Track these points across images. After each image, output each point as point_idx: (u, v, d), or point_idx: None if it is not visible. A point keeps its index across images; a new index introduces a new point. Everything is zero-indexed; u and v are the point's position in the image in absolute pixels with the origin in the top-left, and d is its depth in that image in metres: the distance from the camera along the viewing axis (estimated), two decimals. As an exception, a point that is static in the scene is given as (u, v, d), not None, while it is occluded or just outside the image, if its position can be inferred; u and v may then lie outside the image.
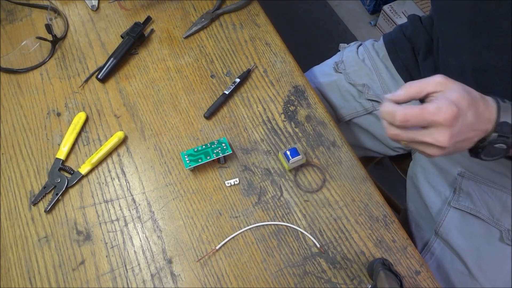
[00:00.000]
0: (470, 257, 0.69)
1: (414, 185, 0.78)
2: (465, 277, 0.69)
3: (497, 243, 0.68)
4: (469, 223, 0.69)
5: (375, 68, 0.83)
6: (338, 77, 0.85)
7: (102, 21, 0.79)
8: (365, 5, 1.85)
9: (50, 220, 0.61)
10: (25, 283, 0.58)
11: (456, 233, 0.71)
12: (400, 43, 0.81)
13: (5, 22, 0.80)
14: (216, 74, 0.72)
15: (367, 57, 0.85)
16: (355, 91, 0.83)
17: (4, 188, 0.64)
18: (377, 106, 0.82)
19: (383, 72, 0.82)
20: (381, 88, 0.82)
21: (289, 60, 0.73)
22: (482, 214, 0.68)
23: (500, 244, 0.68)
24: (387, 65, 0.83)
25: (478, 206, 0.69)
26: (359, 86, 0.82)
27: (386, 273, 0.52)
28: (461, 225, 0.70)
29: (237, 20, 0.78)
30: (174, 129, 0.68)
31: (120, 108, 0.70)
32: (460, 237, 0.70)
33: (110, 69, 0.71)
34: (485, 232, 0.69)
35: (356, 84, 0.82)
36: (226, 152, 0.62)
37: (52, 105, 0.70)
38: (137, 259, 0.58)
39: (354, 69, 0.84)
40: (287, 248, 0.58)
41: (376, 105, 0.82)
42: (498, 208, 0.69)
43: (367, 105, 0.82)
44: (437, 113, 0.44)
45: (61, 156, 0.65)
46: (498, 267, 0.68)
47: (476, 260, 0.69)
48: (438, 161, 0.76)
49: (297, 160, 0.62)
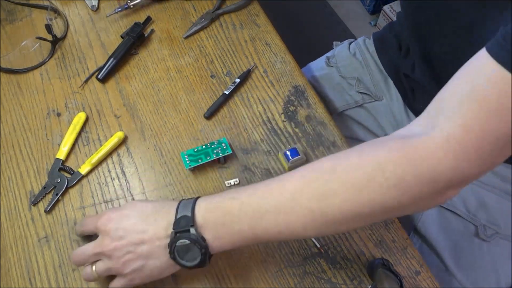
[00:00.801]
0: (448, 253, 0.70)
1: None
2: (443, 273, 0.70)
3: (473, 238, 0.69)
4: (447, 218, 0.70)
5: (365, 62, 0.85)
6: (329, 71, 0.87)
7: (102, 21, 0.79)
8: (365, 5, 1.85)
9: (50, 220, 0.61)
10: (25, 283, 0.57)
11: (434, 229, 0.72)
12: (387, 39, 0.83)
13: (5, 22, 0.80)
14: (216, 74, 0.72)
15: (358, 52, 0.87)
16: (346, 83, 0.85)
17: (4, 188, 0.64)
18: (367, 99, 0.84)
19: (373, 66, 0.85)
20: (371, 82, 0.84)
21: (289, 60, 0.73)
22: (459, 210, 0.69)
23: (476, 239, 0.69)
24: (376, 60, 0.85)
25: (455, 201, 0.70)
26: (350, 79, 0.84)
27: (386, 273, 0.52)
28: (440, 220, 0.71)
29: (237, 20, 0.78)
30: (174, 129, 0.68)
31: (120, 108, 0.70)
32: (439, 233, 0.71)
33: (110, 69, 0.71)
34: (462, 228, 0.70)
35: (347, 77, 0.85)
36: (226, 152, 0.62)
37: (52, 105, 0.70)
38: (137, 259, 0.58)
39: (346, 63, 0.86)
40: (287, 248, 0.58)
41: (366, 98, 0.84)
42: (474, 204, 0.69)
43: (357, 97, 0.84)
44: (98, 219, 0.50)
45: (61, 156, 0.65)
46: (475, 263, 0.69)
47: (454, 256, 0.70)
48: None
49: (297, 160, 0.62)
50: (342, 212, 0.43)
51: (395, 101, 0.82)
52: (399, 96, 0.81)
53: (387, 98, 0.83)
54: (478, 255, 0.69)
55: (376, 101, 0.83)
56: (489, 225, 0.68)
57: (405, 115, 0.81)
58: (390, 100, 0.82)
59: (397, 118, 0.82)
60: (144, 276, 0.49)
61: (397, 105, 0.82)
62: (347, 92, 0.85)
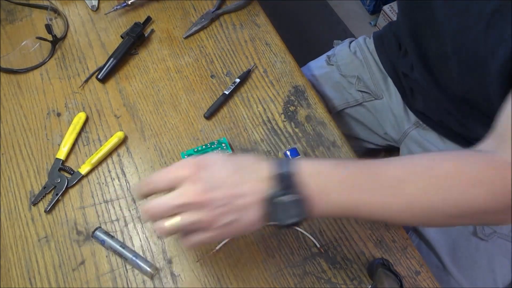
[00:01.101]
0: (445, 252, 0.70)
1: None
2: (440, 271, 0.70)
3: (471, 237, 0.69)
4: None
5: (365, 61, 0.85)
6: (330, 69, 0.87)
7: (102, 21, 0.79)
8: (365, 5, 1.85)
9: (50, 220, 0.61)
10: (25, 283, 0.57)
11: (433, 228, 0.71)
12: (387, 38, 0.83)
13: (5, 22, 0.80)
14: (216, 74, 0.72)
15: (359, 50, 0.87)
16: (346, 82, 0.85)
17: (4, 188, 0.64)
18: (367, 98, 0.84)
19: (373, 65, 0.85)
20: (371, 80, 0.84)
21: (289, 60, 0.73)
22: None
23: (474, 238, 0.69)
24: (376, 59, 0.85)
25: None
26: (350, 78, 0.84)
27: (386, 273, 0.52)
28: None
29: (237, 20, 0.78)
30: (174, 129, 0.68)
31: (120, 108, 0.70)
32: (437, 231, 0.71)
33: (110, 69, 0.71)
34: (460, 226, 0.69)
35: (347, 75, 0.85)
36: (226, 152, 0.62)
37: (52, 105, 0.70)
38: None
39: (346, 61, 0.86)
40: (287, 248, 0.58)
41: (366, 96, 0.84)
42: None
43: (357, 96, 0.84)
44: (178, 168, 0.43)
45: (61, 156, 0.65)
46: (472, 262, 0.69)
47: (451, 255, 0.70)
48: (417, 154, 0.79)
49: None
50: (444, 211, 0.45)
51: (394, 100, 0.82)
52: (398, 95, 0.81)
53: (386, 97, 0.83)
54: (475, 254, 0.69)
55: (376, 99, 0.84)
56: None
57: (405, 114, 0.81)
58: (389, 98, 0.83)
59: (396, 117, 0.82)
60: (233, 231, 0.44)
61: (396, 104, 0.82)
62: (347, 91, 0.85)
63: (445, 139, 0.76)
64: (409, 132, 0.81)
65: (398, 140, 0.84)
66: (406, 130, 0.81)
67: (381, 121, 0.84)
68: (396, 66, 0.80)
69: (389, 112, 0.83)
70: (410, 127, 0.80)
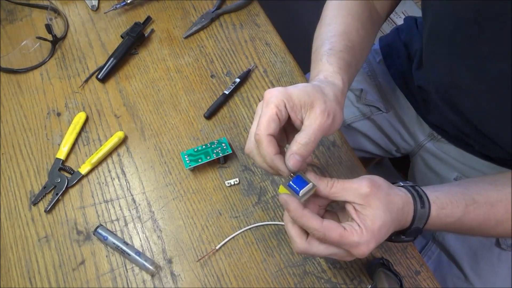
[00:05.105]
0: (466, 262, 0.69)
1: None
2: (461, 281, 0.69)
3: (493, 248, 0.69)
4: None
5: (372, 73, 0.82)
6: None
7: (102, 21, 0.79)
8: (365, 5, 1.85)
9: (50, 220, 0.61)
10: (25, 283, 0.58)
11: (453, 238, 0.71)
12: (395, 47, 0.80)
13: (5, 22, 0.80)
14: (216, 74, 0.72)
15: (365, 63, 0.83)
16: (353, 96, 0.82)
17: (4, 188, 0.64)
18: (375, 111, 0.81)
19: (380, 77, 0.82)
20: (378, 93, 0.81)
21: (289, 60, 0.73)
22: None
23: (496, 249, 0.68)
24: (384, 70, 0.82)
25: None
26: (357, 91, 0.81)
27: (386, 273, 0.52)
28: None
29: (237, 20, 0.78)
30: (174, 129, 0.68)
31: (120, 108, 0.70)
32: (457, 241, 0.70)
33: (110, 69, 0.71)
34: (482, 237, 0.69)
35: (354, 89, 0.81)
36: (226, 152, 0.62)
37: (52, 105, 0.70)
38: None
39: None
40: (287, 248, 0.58)
41: (373, 110, 0.81)
42: None
43: (364, 110, 0.81)
44: (355, 247, 0.43)
45: (61, 156, 0.65)
46: (494, 272, 0.69)
47: (472, 265, 0.69)
48: (434, 166, 0.77)
49: (308, 190, 0.59)
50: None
51: (406, 111, 0.79)
52: (410, 106, 0.78)
53: (396, 109, 0.80)
54: (497, 264, 0.68)
55: (384, 112, 0.80)
56: None
57: (418, 125, 0.78)
58: (400, 110, 0.79)
59: (409, 128, 0.79)
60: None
61: (409, 115, 0.78)
62: (353, 105, 0.81)
63: (464, 152, 0.72)
64: (424, 144, 0.78)
65: (411, 152, 0.82)
66: (421, 142, 0.78)
67: (390, 134, 0.81)
68: (406, 77, 0.77)
69: (399, 124, 0.80)
70: (425, 139, 0.78)
